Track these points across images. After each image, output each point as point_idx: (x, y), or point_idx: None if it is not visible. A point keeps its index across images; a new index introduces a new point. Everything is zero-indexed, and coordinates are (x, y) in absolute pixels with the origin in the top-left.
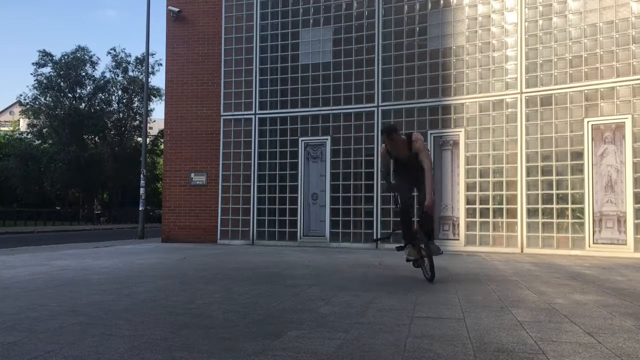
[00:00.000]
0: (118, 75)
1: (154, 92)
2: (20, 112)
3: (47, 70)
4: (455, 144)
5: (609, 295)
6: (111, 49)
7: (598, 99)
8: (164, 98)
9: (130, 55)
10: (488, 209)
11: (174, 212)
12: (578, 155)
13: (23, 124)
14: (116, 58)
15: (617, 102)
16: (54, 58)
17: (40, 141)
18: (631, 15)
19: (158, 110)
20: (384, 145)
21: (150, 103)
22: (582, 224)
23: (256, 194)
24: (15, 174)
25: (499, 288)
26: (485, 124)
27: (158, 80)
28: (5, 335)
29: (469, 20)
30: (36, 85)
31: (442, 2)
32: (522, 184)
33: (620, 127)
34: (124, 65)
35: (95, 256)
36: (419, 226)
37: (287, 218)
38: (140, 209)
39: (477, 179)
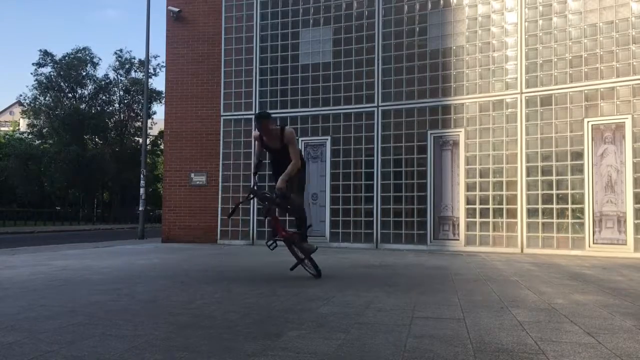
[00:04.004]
0: (121, 76)
1: (155, 95)
2: (20, 112)
3: (47, 70)
4: (455, 144)
5: (609, 295)
6: (117, 50)
7: (598, 99)
8: (164, 101)
9: (135, 58)
10: (488, 209)
11: (174, 212)
12: (578, 155)
13: (23, 124)
14: (120, 59)
15: (617, 102)
16: (55, 58)
17: (40, 141)
18: (631, 15)
19: (159, 112)
20: (257, 131)
21: (152, 105)
22: (582, 224)
23: None
24: (15, 174)
25: (499, 288)
26: (485, 124)
27: (160, 82)
28: (5, 335)
29: (469, 20)
30: (36, 85)
31: (442, 2)
32: (522, 184)
33: (620, 127)
34: (127, 66)
35: (95, 256)
36: (293, 232)
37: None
38: (140, 209)
39: (477, 179)
